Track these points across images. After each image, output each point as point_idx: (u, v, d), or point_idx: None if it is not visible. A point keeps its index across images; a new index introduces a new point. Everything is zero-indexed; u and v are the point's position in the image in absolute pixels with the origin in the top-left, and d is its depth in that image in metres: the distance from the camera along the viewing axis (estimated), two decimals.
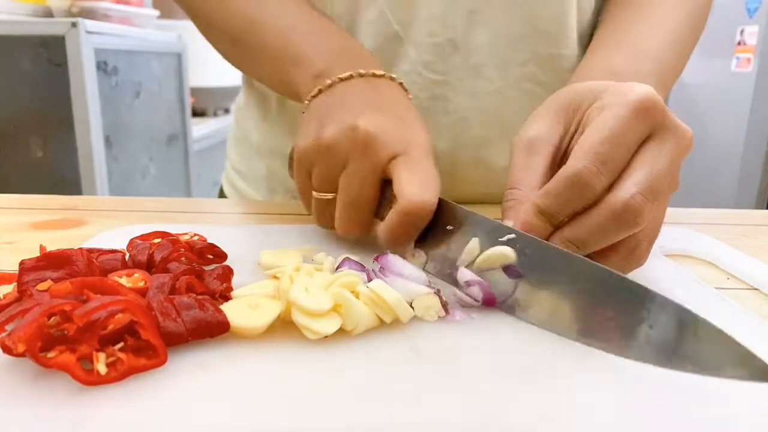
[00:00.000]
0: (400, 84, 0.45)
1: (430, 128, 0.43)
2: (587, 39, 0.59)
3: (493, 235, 0.33)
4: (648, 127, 0.34)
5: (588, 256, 0.33)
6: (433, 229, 0.37)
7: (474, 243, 0.34)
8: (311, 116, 0.43)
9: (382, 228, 0.38)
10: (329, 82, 0.43)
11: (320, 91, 0.43)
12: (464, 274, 0.33)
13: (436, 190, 0.37)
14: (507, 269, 0.32)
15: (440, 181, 0.38)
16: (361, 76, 0.43)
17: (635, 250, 0.34)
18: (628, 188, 0.32)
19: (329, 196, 0.41)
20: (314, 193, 0.42)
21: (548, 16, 0.55)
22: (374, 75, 0.43)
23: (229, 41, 0.53)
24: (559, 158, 0.37)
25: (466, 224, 0.35)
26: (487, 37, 0.55)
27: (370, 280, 0.33)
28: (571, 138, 0.37)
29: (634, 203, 0.31)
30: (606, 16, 0.57)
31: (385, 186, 0.40)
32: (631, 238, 0.33)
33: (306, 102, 0.44)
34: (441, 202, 0.37)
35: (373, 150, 0.38)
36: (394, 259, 0.35)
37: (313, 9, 0.51)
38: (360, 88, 0.42)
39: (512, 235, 0.33)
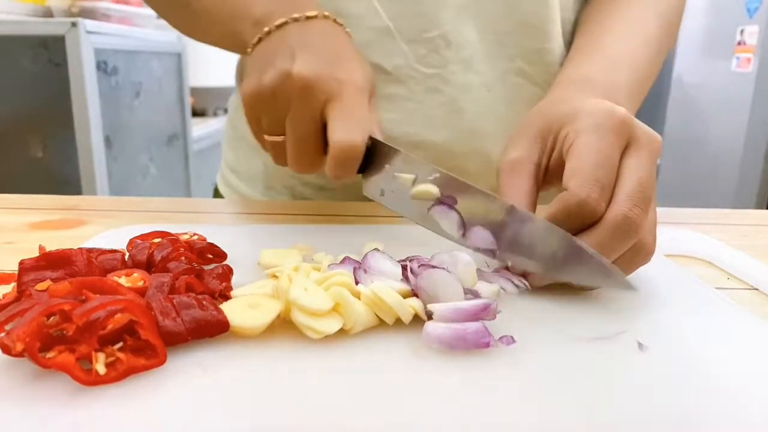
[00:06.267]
0: (335, 21, 0.47)
1: (366, 65, 0.45)
2: (568, 35, 0.60)
3: (423, 173, 0.39)
4: (624, 141, 0.36)
5: None
6: (374, 163, 0.42)
7: (408, 177, 0.40)
8: (253, 63, 0.45)
9: (326, 169, 0.42)
10: (267, 29, 0.45)
11: (260, 40, 0.45)
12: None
13: (362, 131, 0.40)
14: (438, 201, 0.39)
15: (375, 119, 0.42)
16: (296, 20, 0.44)
17: (642, 247, 0.36)
18: (624, 202, 0.34)
19: (279, 138, 0.44)
20: (266, 137, 0.45)
21: (533, 12, 0.57)
22: (308, 17, 0.45)
23: (174, 7, 0.55)
24: (542, 176, 0.40)
25: (398, 162, 0.41)
26: (475, 33, 0.56)
27: (356, 281, 0.33)
28: (549, 156, 0.40)
29: (632, 215, 0.34)
30: (583, 22, 0.59)
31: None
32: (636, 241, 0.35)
33: (249, 50, 0.46)
34: (377, 142, 0.41)
35: (308, 96, 0.41)
36: (371, 257, 0.36)
37: None
38: (295, 32, 0.44)
39: (437, 174, 0.39)
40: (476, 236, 0.37)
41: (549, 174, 0.40)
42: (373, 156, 0.41)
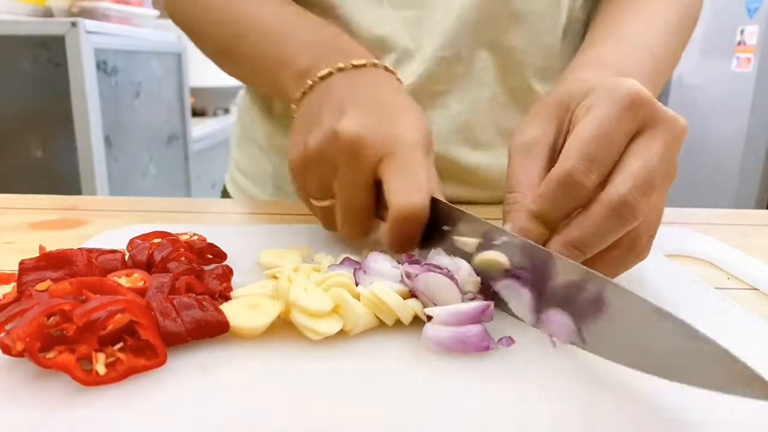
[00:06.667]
0: (386, 69, 0.43)
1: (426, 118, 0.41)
2: (578, 39, 0.60)
3: (488, 237, 0.33)
4: (637, 122, 0.33)
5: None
6: (433, 230, 0.37)
7: (470, 240, 0.34)
8: (298, 122, 0.42)
9: (384, 235, 0.37)
10: (310, 83, 0.41)
11: (304, 94, 0.42)
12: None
13: (425, 191, 0.36)
14: (506, 273, 0.32)
15: (435, 176, 0.38)
16: (341, 70, 0.41)
17: (635, 244, 0.34)
18: (623, 183, 0.31)
19: (327, 203, 0.40)
20: (313, 201, 0.41)
21: (547, 30, 0.56)
22: (354, 66, 0.41)
23: (221, 52, 0.54)
24: (556, 158, 0.37)
25: (461, 224, 0.35)
26: (488, 52, 0.57)
27: (356, 282, 0.33)
28: (565, 137, 0.37)
29: (630, 197, 0.31)
30: (600, 10, 0.58)
31: (382, 187, 0.38)
32: (630, 232, 0.33)
33: (293, 106, 0.43)
34: (436, 202, 0.36)
35: (358, 155, 0.36)
36: (371, 258, 0.35)
37: (296, 7, 0.51)
38: (341, 84, 0.40)
39: (505, 238, 0.32)
40: (553, 321, 0.30)
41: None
42: (432, 219, 0.36)
